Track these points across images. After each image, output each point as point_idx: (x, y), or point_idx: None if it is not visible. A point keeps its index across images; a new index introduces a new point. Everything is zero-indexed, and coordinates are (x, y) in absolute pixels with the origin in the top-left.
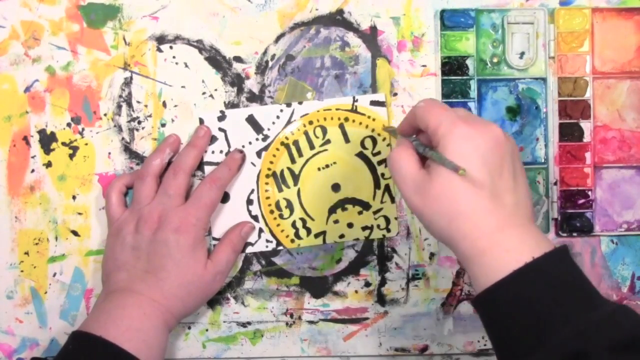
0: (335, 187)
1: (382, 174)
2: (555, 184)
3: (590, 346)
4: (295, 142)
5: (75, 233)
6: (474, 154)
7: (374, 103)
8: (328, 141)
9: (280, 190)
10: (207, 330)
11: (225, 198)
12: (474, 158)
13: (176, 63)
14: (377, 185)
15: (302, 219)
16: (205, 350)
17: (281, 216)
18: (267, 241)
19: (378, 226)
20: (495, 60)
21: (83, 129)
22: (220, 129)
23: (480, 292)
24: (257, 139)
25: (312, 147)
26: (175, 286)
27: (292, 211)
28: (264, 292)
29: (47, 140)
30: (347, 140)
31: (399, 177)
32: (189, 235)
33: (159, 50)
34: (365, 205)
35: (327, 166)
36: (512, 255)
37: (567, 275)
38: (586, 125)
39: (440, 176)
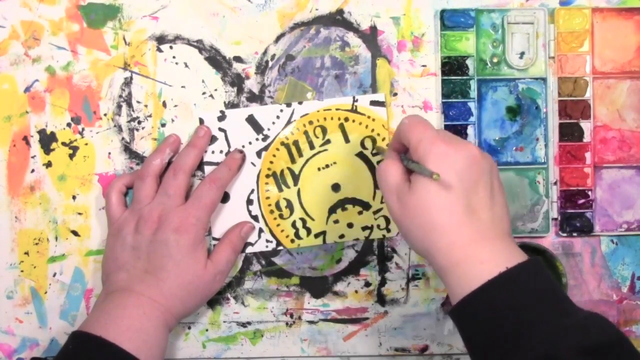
0: (335, 187)
1: None
2: (555, 184)
3: (562, 351)
4: (295, 142)
5: (75, 233)
6: (450, 171)
7: (374, 103)
8: (328, 141)
9: (280, 190)
10: (207, 330)
11: (225, 198)
12: (450, 174)
13: (176, 63)
14: (377, 185)
15: (302, 219)
16: (205, 350)
17: (281, 216)
18: (267, 241)
19: (378, 226)
20: (495, 60)
21: (83, 129)
22: (220, 129)
23: (456, 303)
24: (257, 139)
25: (312, 147)
26: (175, 286)
27: (292, 211)
28: (264, 292)
29: (47, 140)
30: (347, 140)
31: (384, 186)
32: (189, 235)
33: (159, 50)
34: (365, 205)
35: (327, 166)
36: (486, 266)
37: (540, 284)
38: (586, 125)
39: (419, 188)
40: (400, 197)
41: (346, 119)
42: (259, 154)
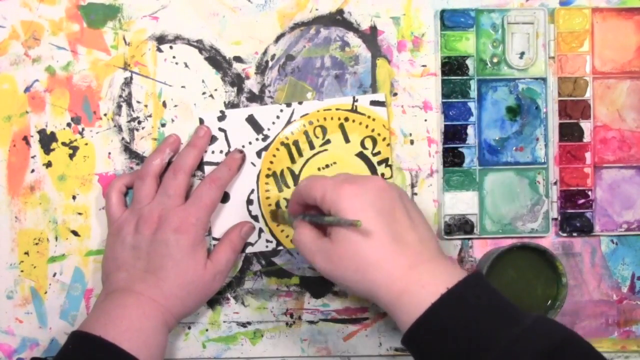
0: None
1: (382, 174)
2: (555, 184)
3: (518, 359)
4: (295, 142)
5: (75, 233)
6: (364, 207)
7: (374, 103)
8: (328, 141)
9: (280, 190)
10: (207, 330)
11: (225, 198)
12: (365, 210)
13: (176, 63)
14: None
15: None
16: (205, 350)
17: None
18: (267, 241)
19: None
20: (495, 60)
21: (83, 129)
22: (220, 129)
23: (405, 331)
24: (257, 139)
25: (312, 147)
26: (175, 286)
27: None
28: (264, 292)
29: (47, 140)
30: (347, 140)
31: (307, 253)
32: (188, 235)
33: (159, 50)
34: None
35: (327, 166)
36: (427, 289)
37: (484, 297)
38: (586, 125)
39: (340, 238)
40: (325, 254)
41: (346, 119)
42: (259, 154)
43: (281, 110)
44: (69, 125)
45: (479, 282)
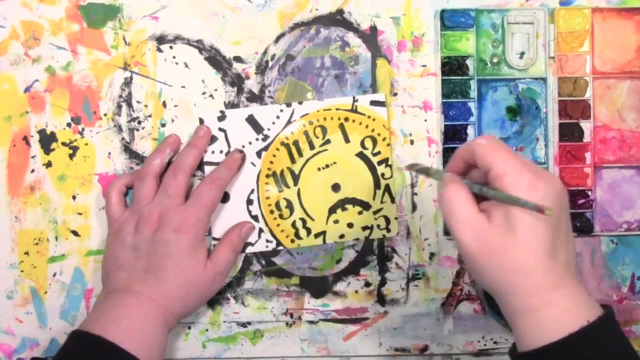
0: (335, 187)
1: (382, 174)
2: None
3: None
4: (295, 142)
5: (75, 233)
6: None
7: (374, 103)
8: (328, 141)
9: (280, 190)
10: (207, 330)
11: (225, 198)
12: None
13: (176, 63)
14: (377, 185)
15: (302, 219)
16: (205, 350)
17: (281, 216)
18: (267, 241)
19: (378, 226)
20: (495, 60)
21: (83, 129)
22: (220, 129)
23: (529, 350)
24: (257, 139)
25: (312, 147)
26: (175, 286)
27: (292, 211)
28: (264, 292)
29: (47, 140)
30: (347, 140)
31: (454, 218)
32: (188, 235)
33: (159, 50)
34: (365, 205)
35: (327, 166)
36: (568, 316)
37: (619, 344)
38: (586, 125)
39: (500, 224)
40: (476, 233)
41: (346, 119)
42: (259, 154)
43: (281, 110)
44: (69, 125)
45: (613, 324)
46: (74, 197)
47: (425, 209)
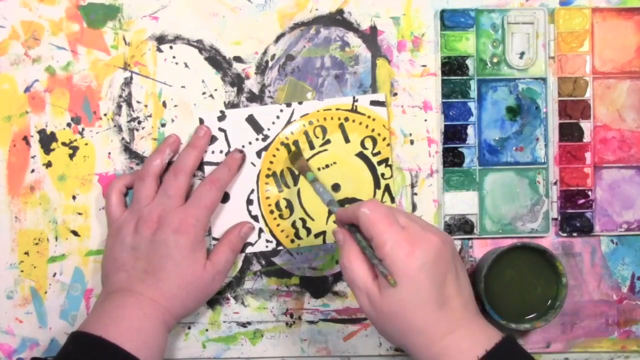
0: (335, 187)
1: (382, 174)
2: (555, 184)
3: None
4: (295, 142)
5: (75, 233)
6: (418, 271)
7: (374, 103)
8: (328, 141)
9: (280, 190)
10: (207, 330)
11: (225, 198)
12: (419, 275)
13: (176, 63)
14: (377, 185)
15: (302, 219)
16: (205, 350)
17: (281, 216)
18: (267, 241)
19: None
20: (495, 60)
21: (83, 129)
22: (220, 129)
23: None
24: (257, 139)
25: (312, 147)
26: (174, 286)
27: (292, 211)
28: (264, 292)
29: (47, 140)
30: (347, 140)
31: (352, 284)
32: (188, 236)
33: (159, 50)
34: None
35: (327, 166)
36: (466, 355)
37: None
38: (586, 125)
39: (389, 296)
40: (371, 300)
41: (346, 119)
42: (259, 154)
43: (281, 110)
44: (69, 125)
45: (512, 346)
46: (74, 197)
47: (425, 209)
